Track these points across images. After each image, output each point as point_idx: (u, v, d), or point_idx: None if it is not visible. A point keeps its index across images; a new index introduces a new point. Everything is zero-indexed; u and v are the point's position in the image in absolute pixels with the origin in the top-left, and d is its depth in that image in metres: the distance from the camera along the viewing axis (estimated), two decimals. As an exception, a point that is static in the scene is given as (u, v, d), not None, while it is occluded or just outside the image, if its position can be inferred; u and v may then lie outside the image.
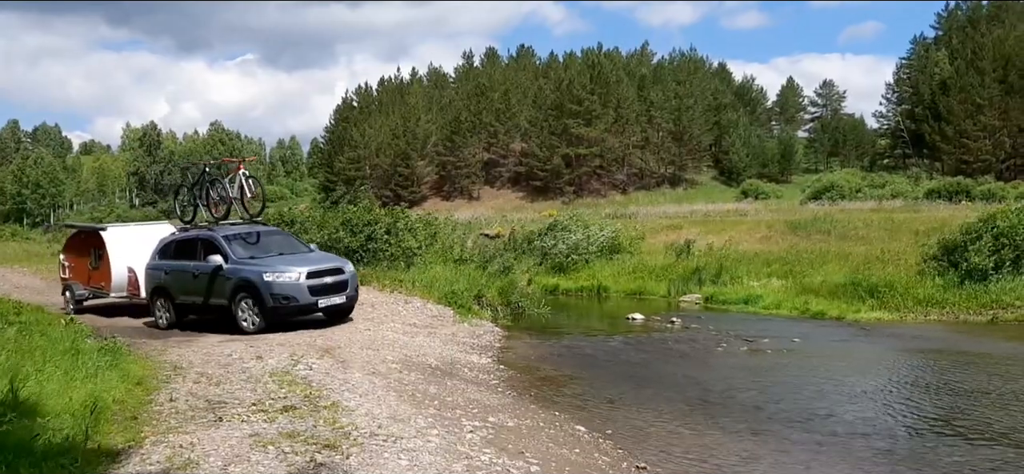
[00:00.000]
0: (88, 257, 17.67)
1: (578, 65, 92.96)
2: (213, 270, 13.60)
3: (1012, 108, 68.73)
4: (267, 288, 13.02)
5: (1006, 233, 18.72)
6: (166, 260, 14.74)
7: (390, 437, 6.79)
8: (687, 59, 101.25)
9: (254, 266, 13.49)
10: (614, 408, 9.56)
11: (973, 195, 46.39)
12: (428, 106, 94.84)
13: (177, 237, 15.12)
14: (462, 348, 12.89)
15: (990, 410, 9.38)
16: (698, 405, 9.82)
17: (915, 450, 7.72)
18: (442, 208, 71.31)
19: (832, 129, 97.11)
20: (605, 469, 6.76)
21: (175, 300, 14.42)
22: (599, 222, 33.13)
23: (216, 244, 13.87)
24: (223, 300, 13.55)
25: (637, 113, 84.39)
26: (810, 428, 8.59)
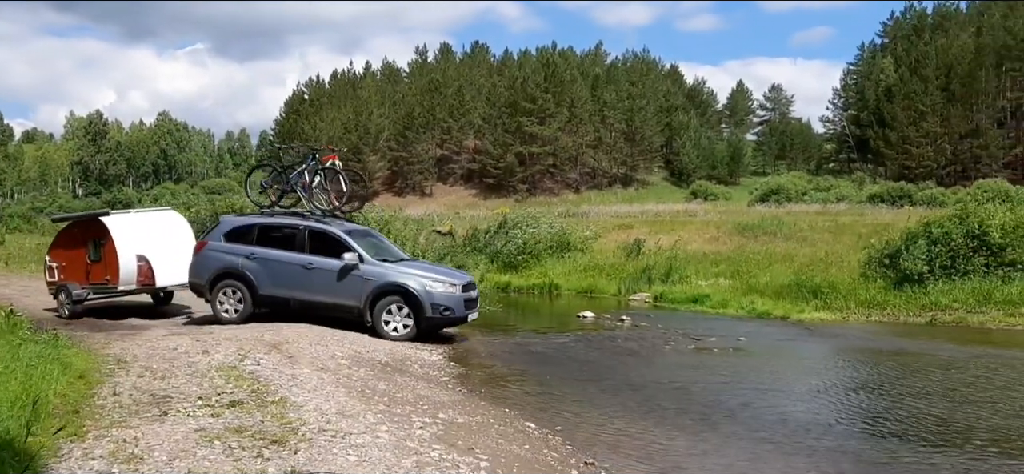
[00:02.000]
0: (84, 250, 16.04)
1: (532, 63, 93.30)
2: (342, 268, 13.26)
3: (953, 115, 70.76)
4: (428, 297, 13.07)
5: (940, 240, 19.28)
6: (245, 245, 13.88)
7: (338, 432, 6.77)
8: (640, 60, 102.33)
9: (401, 271, 13.48)
10: (564, 405, 9.62)
11: (915, 200, 47.64)
12: (381, 101, 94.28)
13: (261, 222, 14.21)
14: (412, 345, 12.86)
15: (929, 408, 9.64)
16: (646, 402, 9.93)
17: (858, 448, 7.91)
18: (394, 204, 70.94)
19: (780, 133, 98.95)
20: (553, 465, 6.81)
21: (259, 291, 13.66)
22: (550, 220, 33.25)
23: (342, 241, 13.50)
24: (353, 301, 13.24)
25: (590, 113, 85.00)
26: (754, 425, 8.75)
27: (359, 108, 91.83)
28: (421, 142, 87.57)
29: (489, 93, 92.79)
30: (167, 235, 16.42)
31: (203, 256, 14.13)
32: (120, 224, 15.84)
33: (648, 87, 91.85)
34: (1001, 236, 19.02)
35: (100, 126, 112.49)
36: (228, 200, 26.05)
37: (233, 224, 14.37)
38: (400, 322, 13.16)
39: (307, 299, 13.51)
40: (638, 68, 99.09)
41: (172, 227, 16.97)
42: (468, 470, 6.18)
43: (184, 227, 17.20)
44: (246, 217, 14.71)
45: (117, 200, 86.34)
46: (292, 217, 14.31)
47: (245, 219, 14.58)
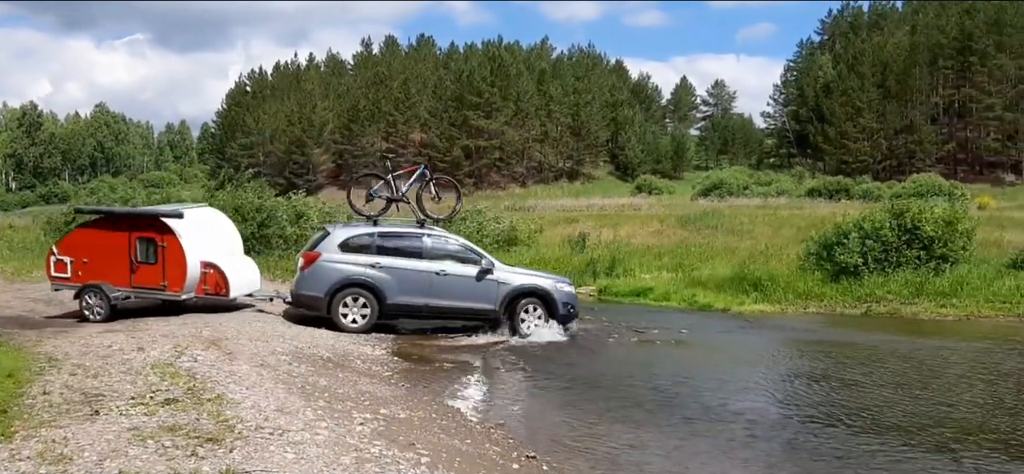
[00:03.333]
0: (126, 247, 14.30)
1: (479, 57, 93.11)
2: (478, 274, 14.08)
3: (889, 111, 72.59)
4: (560, 296, 14.39)
5: (872, 234, 19.79)
6: (365, 255, 13.91)
7: (276, 430, 6.68)
8: (585, 55, 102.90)
9: (529, 274, 15.11)
10: (507, 399, 9.66)
11: (852, 194, 48.82)
12: (325, 93, 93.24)
13: (380, 231, 14.27)
14: (355, 340, 12.75)
15: (864, 398, 9.89)
16: (589, 395, 10.00)
17: (796, 437, 8.06)
18: (339, 197, 70.22)
19: (722, 128, 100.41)
20: (495, 459, 6.82)
21: (387, 299, 13.78)
22: (497, 214, 33.28)
23: (471, 249, 14.59)
24: (488, 305, 14.06)
25: (536, 107, 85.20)
26: (696, 416, 8.87)
27: (303, 100, 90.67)
28: (366, 135, 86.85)
29: (435, 86, 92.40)
30: (229, 239, 15.50)
31: (319, 268, 13.87)
32: (189, 227, 14.45)
33: (594, 82, 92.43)
34: (932, 228, 19.59)
35: (34, 118, 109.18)
36: (167, 194, 25.45)
37: (346, 235, 14.19)
38: (534, 320, 14.19)
39: (439, 305, 14.06)
40: (584, 63, 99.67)
41: (228, 230, 15.87)
42: (408, 466, 6.15)
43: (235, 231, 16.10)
44: (358, 227, 14.49)
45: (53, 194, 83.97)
46: (410, 227, 14.67)
47: (358, 229, 14.39)
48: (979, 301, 17.79)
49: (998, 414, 8.99)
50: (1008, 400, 9.78)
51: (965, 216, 21.88)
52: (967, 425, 8.48)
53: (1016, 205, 45.29)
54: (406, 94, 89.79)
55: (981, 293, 18.13)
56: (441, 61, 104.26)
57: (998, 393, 10.13)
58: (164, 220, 14.22)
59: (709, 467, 7.10)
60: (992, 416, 8.90)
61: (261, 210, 20.56)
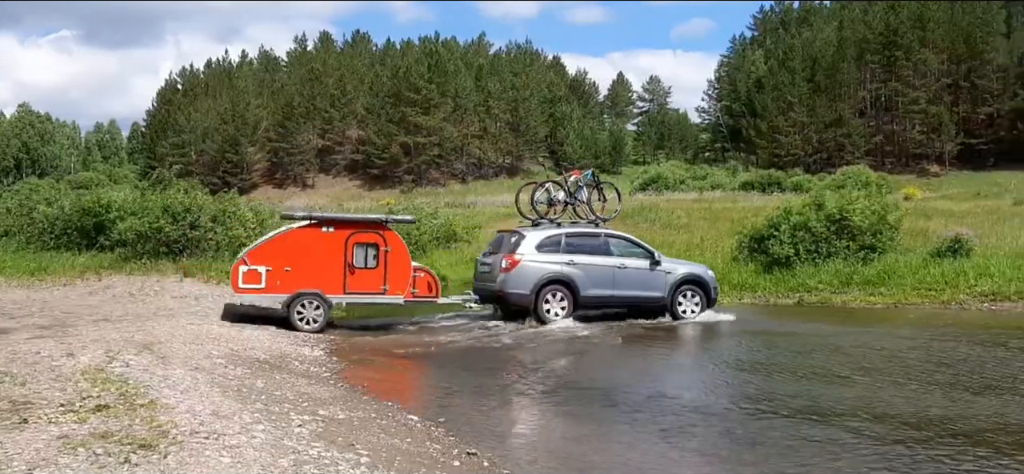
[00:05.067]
0: (342, 255, 14.36)
1: (416, 53, 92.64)
2: (651, 265, 15.66)
3: (819, 106, 74.43)
4: (712, 282, 16.17)
5: (801, 226, 20.32)
6: (558, 255, 15.33)
7: (212, 434, 6.54)
8: (523, 51, 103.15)
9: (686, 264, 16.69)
10: (448, 396, 9.63)
11: (784, 187, 49.93)
12: (259, 90, 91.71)
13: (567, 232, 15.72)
14: (293, 341, 12.59)
15: (798, 386, 10.12)
16: (530, 390, 10.05)
17: (735, 427, 8.20)
18: (275, 196, 69.25)
19: (659, 123, 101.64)
20: (436, 457, 6.79)
21: (581, 292, 15.25)
22: (436, 211, 33.16)
23: (640, 244, 16.24)
24: (659, 292, 15.66)
25: (475, 103, 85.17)
26: (636, 408, 8.96)
27: (236, 98, 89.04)
28: (302, 132, 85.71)
29: (372, 83, 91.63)
30: None
31: (523, 268, 15.18)
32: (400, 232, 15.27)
33: (532, 78, 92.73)
34: (861, 219, 20.16)
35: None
36: (97, 195, 24.67)
37: (540, 237, 15.53)
38: (690, 306, 15.79)
39: (623, 295, 15.62)
40: (521, 59, 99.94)
41: None
42: (348, 467, 6.09)
43: None
44: (548, 230, 15.81)
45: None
46: (589, 227, 16.24)
47: (549, 231, 15.71)
48: (906, 289, 18.38)
49: (936, 397, 9.28)
50: (947, 382, 10.09)
51: (894, 207, 22.60)
52: (908, 411, 8.72)
53: (940, 196, 46.89)
54: (342, 91, 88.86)
55: (908, 281, 18.73)
56: (377, 57, 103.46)
57: (942, 379, 10.43)
58: (389, 224, 14.92)
59: (652, 459, 7.18)
60: (932, 399, 9.18)
61: (191, 210, 20.12)
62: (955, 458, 6.88)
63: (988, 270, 19.06)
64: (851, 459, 6.95)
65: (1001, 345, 12.61)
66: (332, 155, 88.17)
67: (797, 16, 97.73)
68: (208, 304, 14.81)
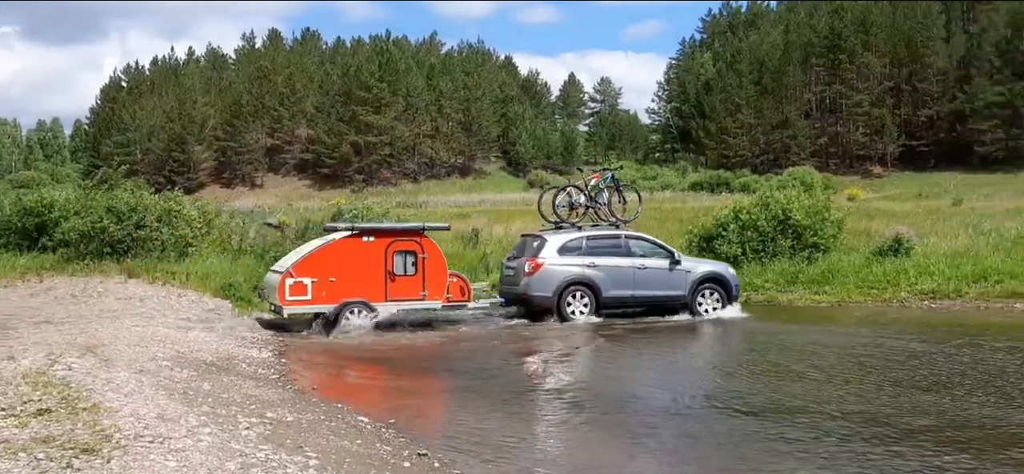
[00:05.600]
0: (383, 263, 14.73)
1: (367, 51, 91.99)
2: (671, 265, 16.13)
3: (766, 108, 75.73)
4: (734, 280, 16.60)
5: (748, 225, 20.64)
6: (579, 257, 15.84)
7: (157, 438, 6.42)
8: (475, 51, 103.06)
9: (706, 263, 17.14)
10: (399, 397, 9.59)
11: (732, 187, 50.71)
12: (206, 88, 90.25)
13: (587, 235, 16.24)
14: (241, 342, 12.40)
15: (742, 383, 10.29)
16: (481, 390, 10.05)
17: (684, 424, 8.29)
18: (222, 196, 68.15)
19: (610, 124, 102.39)
20: (386, 459, 6.76)
21: (603, 293, 15.74)
22: (388, 211, 32.94)
23: (660, 245, 16.77)
24: (680, 291, 16.09)
25: (427, 102, 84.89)
26: (587, 407, 9.03)
27: (182, 96, 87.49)
28: (250, 131, 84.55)
29: (322, 81, 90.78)
30: None
31: (546, 271, 15.68)
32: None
33: (484, 78, 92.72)
34: (802, 217, 20.55)
35: None
36: (40, 195, 23.98)
37: (562, 241, 16.02)
38: (711, 304, 16.19)
39: (643, 295, 16.03)
40: (474, 59, 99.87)
41: None
42: (296, 469, 6.03)
43: None
44: (569, 233, 16.32)
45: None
46: (609, 230, 16.77)
47: (571, 235, 16.23)
48: (850, 287, 18.75)
49: (889, 393, 9.49)
50: (905, 379, 10.33)
51: (832, 206, 23.07)
52: (861, 409, 8.90)
53: (883, 196, 48.04)
54: (291, 89, 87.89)
55: (851, 280, 19.11)
56: (327, 56, 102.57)
57: (897, 376, 10.66)
58: (426, 232, 15.33)
59: (602, 457, 7.23)
60: (883, 396, 9.39)
61: (136, 210, 19.67)
62: (905, 454, 7.04)
63: (928, 269, 19.53)
64: (805, 457, 7.07)
65: (945, 342, 12.96)
66: (281, 154, 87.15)
67: (745, 19, 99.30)
68: (153, 305, 14.51)
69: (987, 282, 18.63)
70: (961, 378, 10.06)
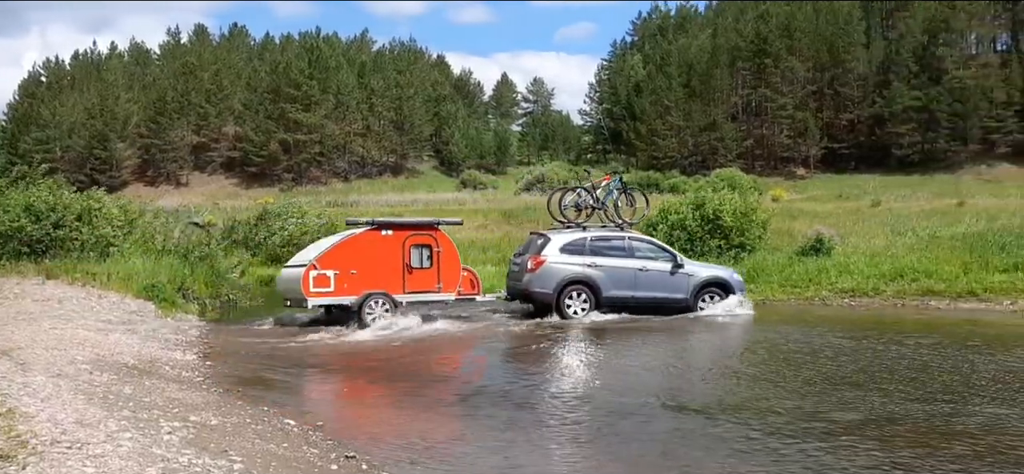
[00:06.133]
0: (400, 257, 15.35)
1: (296, 48, 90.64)
2: (672, 268, 16.38)
3: (694, 110, 77.09)
4: (737, 284, 16.80)
5: (677, 225, 21.04)
6: (581, 257, 16.19)
7: (75, 443, 6.23)
8: (407, 49, 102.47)
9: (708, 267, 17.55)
10: (327, 399, 9.50)
11: (662, 188, 51.48)
12: (129, 84, 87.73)
13: (590, 236, 16.53)
14: (164, 345, 12.11)
15: (674, 382, 10.47)
16: (411, 390, 10.01)
17: (612, 422, 8.38)
18: (146, 194, 66.44)
19: (543, 124, 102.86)
20: (313, 461, 6.69)
21: (603, 293, 16.04)
22: (318, 210, 32.56)
23: (663, 248, 17.18)
24: (681, 294, 16.34)
25: (358, 100, 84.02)
26: (522, 405, 9.06)
27: (104, 92, 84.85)
28: (175, 129, 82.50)
29: (249, 78, 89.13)
30: None
31: (547, 269, 16.09)
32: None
33: (416, 77, 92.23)
34: (732, 219, 21.01)
35: None
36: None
37: (565, 240, 16.42)
38: (712, 305, 16.42)
39: (642, 296, 16.21)
40: (405, 57, 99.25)
41: None
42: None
43: None
44: (573, 232, 16.69)
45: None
46: (613, 231, 16.99)
47: (574, 234, 16.59)
48: (773, 286, 19.26)
49: (814, 390, 9.76)
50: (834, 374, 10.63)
51: (759, 207, 23.65)
52: (793, 405, 9.12)
53: (806, 197, 49.36)
54: (218, 86, 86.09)
55: (775, 278, 19.63)
56: (255, 52, 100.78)
57: (827, 370, 10.95)
58: (440, 229, 15.95)
59: (533, 456, 7.28)
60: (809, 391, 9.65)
61: (55, 209, 19.05)
62: (836, 449, 7.25)
63: (848, 268, 20.19)
64: (728, 452, 7.24)
65: (865, 337, 13.43)
66: (207, 152, 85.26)
67: (674, 22, 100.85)
68: (72, 307, 14.06)
69: (904, 280, 19.35)
70: (888, 374, 10.43)
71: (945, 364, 10.98)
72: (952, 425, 7.90)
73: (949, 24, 73.41)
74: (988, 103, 68.66)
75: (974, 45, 78.59)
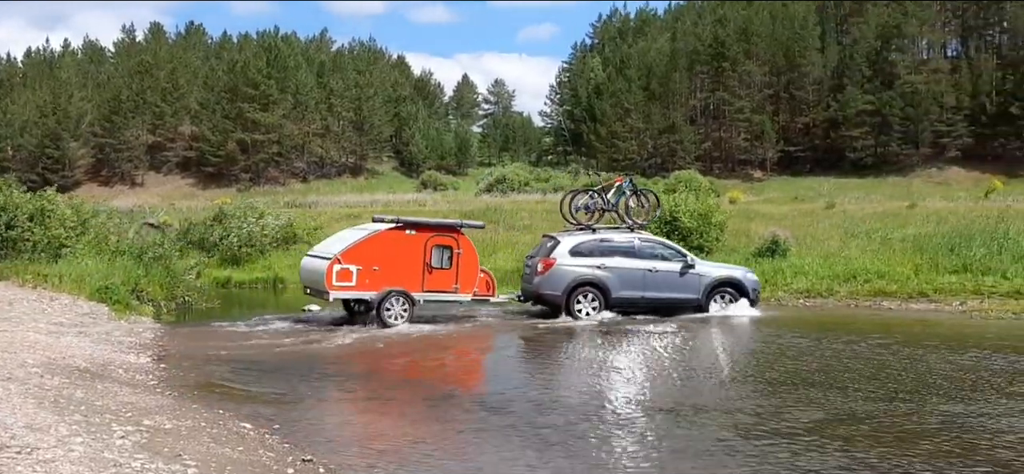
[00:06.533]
0: (422, 256, 15.68)
1: (254, 47, 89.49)
2: (682, 269, 16.64)
3: (653, 113, 77.67)
4: (750, 284, 17.04)
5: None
6: (591, 259, 16.50)
7: (25, 448, 6.12)
8: (367, 49, 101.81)
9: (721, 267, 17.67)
10: (283, 403, 9.41)
11: (622, 189, 51.56)
12: (83, 82, 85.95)
13: (600, 238, 16.86)
14: (117, 348, 11.92)
15: (629, 387, 10.56)
16: (369, 393, 9.98)
17: (571, 425, 8.43)
18: (100, 195, 65.27)
19: (503, 126, 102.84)
20: (269, 465, 6.64)
21: (612, 294, 16.35)
22: (276, 211, 32.25)
23: (674, 249, 17.32)
24: (692, 294, 16.62)
25: (317, 100, 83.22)
26: (475, 408, 9.08)
27: (57, 90, 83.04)
28: (130, 128, 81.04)
29: (206, 77, 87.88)
30: None
31: (556, 271, 16.42)
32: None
33: (376, 77, 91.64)
34: (690, 221, 21.23)
35: None
36: None
37: (574, 242, 16.76)
38: (724, 305, 16.65)
39: (652, 297, 16.54)
40: (365, 57, 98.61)
41: None
42: (174, 478, 5.86)
43: None
44: (583, 235, 17.00)
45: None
46: (623, 232, 17.18)
47: (584, 237, 16.93)
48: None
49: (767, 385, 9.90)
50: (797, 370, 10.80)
51: (717, 209, 23.92)
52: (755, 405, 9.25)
53: (763, 199, 49.97)
54: (174, 85, 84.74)
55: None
56: (213, 51, 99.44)
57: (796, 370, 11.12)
58: (463, 229, 16.31)
59: (490, 457, 7.30)
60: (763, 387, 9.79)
61: (6, 210, 18.67)
62: (805, 450, 7.37)
63: (803, 269, 20.55)
64: (712, 455, 7.33)
65: (822, 337, 13.68)
66: (163, 152, 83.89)
67: (633, 26, 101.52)
68: (23, 309, 13.78)
69: (857, 281, 19.74)
70: (849, 374, 10.64)
71: (900, 364, 11.25)
72: (909, 423, 8.11)
73: (901, 30, 74.80)
74: (939, 107, 70.07)
75: (925, 50, 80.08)
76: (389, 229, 15.92)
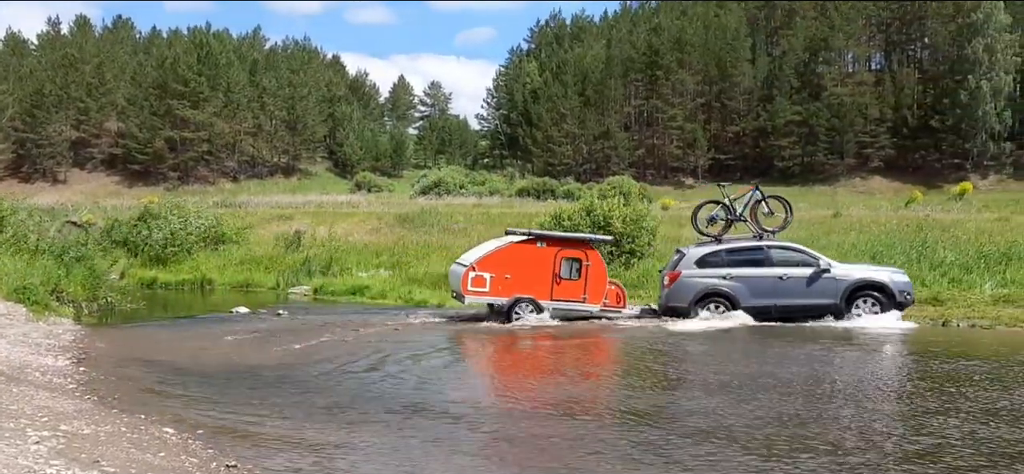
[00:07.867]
0: (551, 267, 16.68)
1: (184, 44, 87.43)
2: (812, 274, 16.33)
3: (588, 118, 78.46)
4: (898, 287, 16.28)
5: (570, 230, 21.41)
6: (717, 269, 16.61)
7: (-70, 456, 5.86)
8: (301, 48, 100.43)
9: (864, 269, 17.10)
10: (208, 407, 9.19)
11: (557, 194, 52.16)
12: (4, 75, 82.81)
13: (726, 248, 16.89)
14: (35, 350, 11.51)
15: (581, 389, 10.62)
16: (297, 397, 9.81)
17: (511, 426, 8.43)
18: (20, 191, 62.97)
19: (440, 128, 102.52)
20: (191, 471, 6.47)
21: (741, 303, 16.31)
22: (204, 210, 31.58)
23: (807, 254, 16.84)
24: (828, 300, 16.21)
25: (249, 99, 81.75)
26: (408, 411, 9.00)
27: (-26, 82, 79.92)
28: (53, 122, 78.45)
29: (134, 73, 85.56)
30: None
31: (683, 283, 16.60)
32: None
33: (310, 76, 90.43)
34: (622, 225, 21.48)
35: None
36: None
37: (700, 254, 16.85)
38: (867, 310, 16.13)
39: (784, 304, 16.31)
40: (299, 56, 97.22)
41: None
42: (91, 485, 5.67)
43: None
44: (709, 246, 17.06)
45: None
46: (750, 241, 17.21)
47: (710, 248, 16.99)
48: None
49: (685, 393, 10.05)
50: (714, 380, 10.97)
51: (648, 214, 24.26)
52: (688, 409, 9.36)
53: (693, 206, 50.75)
54: (100, 79, 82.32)
55: (662, 284, 20.11)
56: (141, 46, 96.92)
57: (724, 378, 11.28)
58: (593, 244, 17.28)
59: (420, 462, 7.24)
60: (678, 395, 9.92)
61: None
62: (727, 453, 7.50)
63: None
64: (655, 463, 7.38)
65: (764, 342, 13.96)
66: (88, 148, 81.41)
67: (570, 32, 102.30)
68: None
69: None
70: (783, 381, 10.86)
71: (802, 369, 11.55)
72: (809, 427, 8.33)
73: (828, 43, 76.97)
74: (863, 119, 72.29)
75: (851, 64, 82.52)
76: (521, 241, 17.09)
